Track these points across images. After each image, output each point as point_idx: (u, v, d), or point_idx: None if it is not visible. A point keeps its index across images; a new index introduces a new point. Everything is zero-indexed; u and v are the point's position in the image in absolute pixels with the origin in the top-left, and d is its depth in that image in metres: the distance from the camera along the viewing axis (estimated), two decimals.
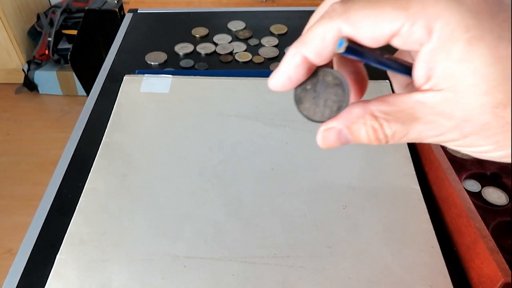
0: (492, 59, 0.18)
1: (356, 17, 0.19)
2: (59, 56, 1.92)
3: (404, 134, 0.21)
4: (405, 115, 0.20)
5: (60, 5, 1.96)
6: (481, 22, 0.18)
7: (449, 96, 0.19)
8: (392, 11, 0.19)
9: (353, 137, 0.22)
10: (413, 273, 0.41)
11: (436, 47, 0.19)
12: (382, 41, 0.20)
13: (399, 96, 0.21)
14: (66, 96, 1.98)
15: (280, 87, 0.22)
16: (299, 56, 0.21)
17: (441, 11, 0.18)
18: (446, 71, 0.19)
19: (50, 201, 0.50)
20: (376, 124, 0.21)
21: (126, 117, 0.58)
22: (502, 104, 0.19)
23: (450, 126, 0.20)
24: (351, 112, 0.22)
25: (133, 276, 0.41)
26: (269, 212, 0.47)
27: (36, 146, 1.74)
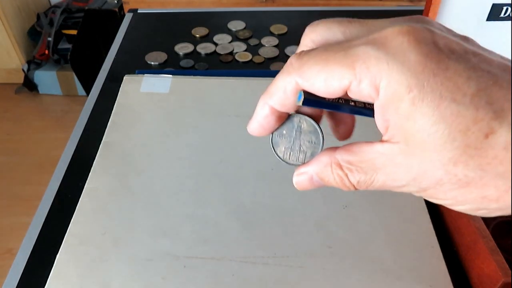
0: (436, 118, 0.18)
1: (309, 73, 0.21)
2: (59, 56, 1.92)
3: (369, 183, 0.21)
4: (368, 165, 0.21)
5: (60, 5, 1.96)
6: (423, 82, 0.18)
7: (404, 149, 0.20)
8: (340, 69, 0.20)
9: (324, 182, 0.23)
10: (413, 273, 0.41)
11: (384, 104, 0.19)
12: (336, 94, 0.21)
13: (362, 145, 0.22)
14: (66, 96, 1.98)
15: (257, 133, 0.24)
16: (266, 107, 0.23)
17: (382, 70, 0.19)
18: (397, 125, 0.19)
19: (50, 201, 0.50)
20: (341, 173, 0.22)
21: (126, 117, 0.58)
22: (452, 162, 0.19)
23: (408, 179, 0.20)
24: (320, 160, 0.23)
25: (133, 276, 0.41)
26: (269, 212, 0.47)
27: (36, 146, 1.74)
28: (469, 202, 0.20)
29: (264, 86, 0.24)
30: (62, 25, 1.89)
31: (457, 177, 0.19)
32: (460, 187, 0.19)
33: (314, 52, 0.21)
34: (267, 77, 0.64)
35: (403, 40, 0.19)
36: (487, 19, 0.55)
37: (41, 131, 1.81)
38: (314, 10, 0.88)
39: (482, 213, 0.20)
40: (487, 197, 0.19)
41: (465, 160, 0.18)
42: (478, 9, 0.55)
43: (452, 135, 0.18)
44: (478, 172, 0.18)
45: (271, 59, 0.72)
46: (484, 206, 0.20)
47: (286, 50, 0.74)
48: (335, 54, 0.20)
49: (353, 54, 0.20)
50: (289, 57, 0.72)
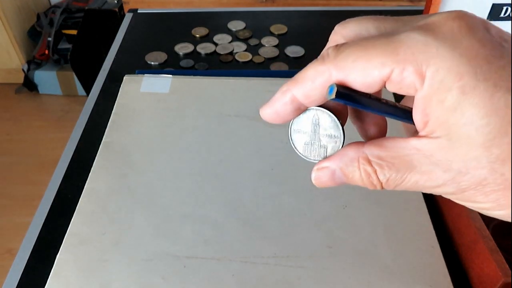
0: (487, 110, 0.17)
1: (345, 62, 0.19)
2: (59, 56, 1.92)
3: (399, 182, 0.20)
4: (401, 162, 0.19)
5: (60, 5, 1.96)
6: (476, 69, 0.17)
7: (445, 145, 0.18)
8: (381, 56, 0.18)
9: (348, 179, 0.21)
10: (413, 273, 0.41)
11: (428, 95, 0.18)
12: (374, 86, 0.19)
13: (396, 140, 0.20)
14: (66, 96, 1.98)
15: (269, 119, 0.22)
16: (288, 94, 0.21)
17: (431, 57, 0.17)
18: (440, 119, 0.18)
19: (50, 201, 0.50)
20: (370, 169, 0.20)
21: (126, 117, 0.58)
22: (500, 159, 0.17)
23: (446, 179, 0.18)
24: (345, 154, 0.21)
25: (133, 276, 0.41)
26: (269, 212, 0.47)
27: (36, 146, 1.74)
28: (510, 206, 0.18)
29: (264, 86, 0.23)
30: (62, 25, 1.88)
31: (504, 176, 0.17)
32: (505, 188, 0.18)
33: (352, 42, 0.19)
34: (267, 77, 0.64)
35: (454, 25, 0.18)
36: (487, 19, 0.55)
37: (41, 131, 1.81)
38: (314, 10, 0.88)
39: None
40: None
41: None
42: (478, 9, 0.55)
43: (504, 129, 0.16)
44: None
45: (271, 59, 0.72)
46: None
47: (286, 50, 0.74)
48: (375, 42, 0.18)
49: (396, 40, 0.18)
50: (289, 57, 0.72)
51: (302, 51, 0.74)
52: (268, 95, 0.23)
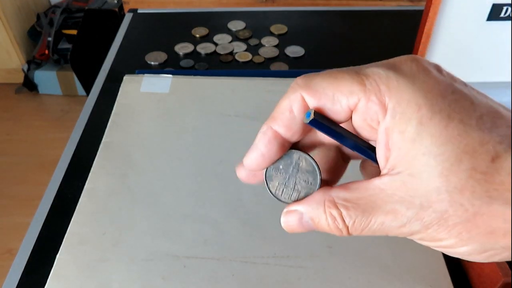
0: (443, 139, 0.18)
1: (317, 87, 0.20)
2: (59, 56, 1.92)
3: (365, 225, 0.20)
4: (366, 203, 0.20)
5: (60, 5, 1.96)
6: (432, 102, 0.18)
7: (407, 181, 0.19)
8: (350, 85, 0.19)
9: (315, 224, 0.21)
10: (413, 273, 0.41)
11: (390, 126, 0.19)
12: (342, 114, 0.20)
13: (360, 182, 0.20)
14: (66, 96, 1.98)
15: (255, 166, 0.22)
16: (270, 131, 0.21)
17: (393, 89, 0.18)
18: (401, 151, 0.19)
19: (50, 201, 0.50)
20: (335, 212, 0.20)
21: (126, 117, 0.58)
22: (458, 189, 0.17)
23: (410, 216, 0.19)
24: (312, 198, 0.21)
25: (133, 276, 0.41)
26: (269, 212, 0.47)
27: (36, 146, 1.74)
28: (475, 241, 0.18)
29: (264, 86, 0.24)
30: (62, 25, 1.88)
31: (464, 207, 0.18)
32: (466, 220, 0.18)
33: (322, 72, 0.20)
34: (267, 77, 0.64)
35: (412, 65, 0.19)
36: (487, 19, 0.55)
37: (41, 131, 1.81)
38: (314, 10, 0.88)
39: (486, 256, 0.19)
40: (494, 232, 0.18)
41: (471, 186, 0.17)
42: (478, 9, 0.55)
43: (459, 157, 0.17)
44: (485, 199, 0.17)
45: (271, 59, 0.72)
46: (490, 245, 0.18)
47: (286, 50, 0.74)
48: (345, 72, 0.20)
49: (363, 73, 0.19)
50: (289, 57, 0.72)
51: (302, 51, 0.74)
52: (268, 95, 0.23)
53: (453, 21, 0.56)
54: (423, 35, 0.56)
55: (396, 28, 0.80)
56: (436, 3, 0.53)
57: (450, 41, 0.58)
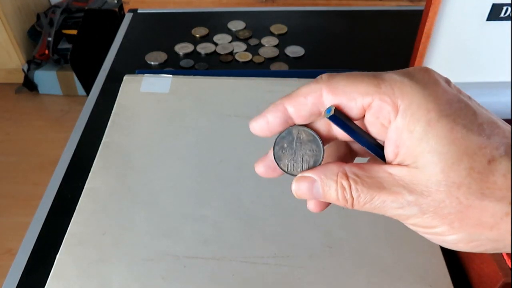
0: (448, 140, 0.20)
1: (337, 85, 0.22)
2: (59, 56, 1.92)
3: (368, 199, 0.22)
4: (373, 182, 0.22)
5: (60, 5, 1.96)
6: (440, 107, 0.21)
7: (412, 172, 0.21)
8: (366, 86, 0.22)
9: (324, 192, 0.24)
10: (413, 273, 0.41)
11: (400, 126, 0.21)
12: (356, 111, 0.22)
13: (372, 165, 0.23)
14: (66, 96, 1.98)
15: (258, 130, 0.25)
16: (281, 106, 0.24)
17: (406, 93, 0.21)
18: (409, 148, 0.21)
19: (50, 201, 0.50)
20: (346, 183, 0.23)
21: (126, 117, 0.58)
22: (456, 184, 0.20)
23: (410, 200, 0.21)
24: (327, 167, 0.24)
25: (133, 276, 0.41)
26: (269, 212, 0.47)
27: (36, 146, 1.74)
28: (464, 230, 0.21)
29: (264, 86, 0.24)
30: (62, 25, 1.88)
31: (459, 199, 0.20)
32: (459, 211, 0.20)
33: (344, 73, 0.23)
34: (267, 77, 0.64)
35: (425, 75, 0.22)
36: (487, 19, 0.55)
37: (41, 131, 1.81)
38: (314, 10, 0.88)
39: (472, 246, 0.21)
40: (482, 224, 0.20)
41: (468, 183, 0.20)
42: (478, 9, 0.55)
43: (460, 157, 0.20)
44: (478, 195, 0.20)
45: (271, 59, 0.72)
46: (477, 236, 0.21)
47: (286, 50, 0.74)
48: (364, 75, 0.22)
49: (380, 77, 0.22)
50: (289, 57, 0.72)
51: (302, 51, 0.74)
52: (268, 95, 0.24)
53: (453, 21, 0.56)
54: (423, 35, 0.56)
55: (396, 28, 0.80)
56: (436, 3, 0.53)
57: (450, 41, 0.58)
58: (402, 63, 0.64)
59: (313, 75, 0.65)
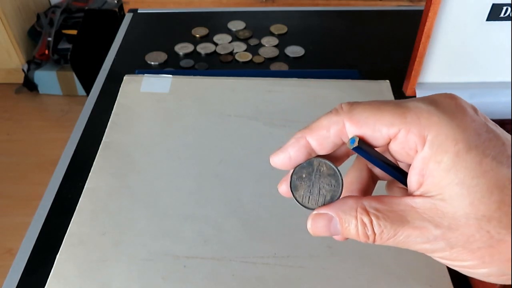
0: (477, 172, 0.19)
1: (359, 117, 0.22)
2: (59, 56, 1.92)
3: (392, 235, 0.21)
4: (396, 216, 0.21)
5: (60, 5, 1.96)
6: (468, 138, 0.20)
7: (438, 204, 0.20)
8: (391, 117, 0.21)
9: (343, 229, 0.23)
10: (413, 273, 0.41)
11: (427, 156, 0.20)
12: (380, 141, 0.22)
13: (392, 197, 0.22)
14: (66, 96, 1.98)
15: (280, 164, 0.24)
16: (303, 140, 0.23)
17: (433, 123, 0.20)
18: (435, 179, 0.20)
19: (50, 201, 0.50)
20: (366, 218, 0.22)
21: (126, 117, 0.58)
22: (486, 217, 0.19)
23: (437, 235, 0.20)
24: (344, 203, 0.23)
25: (133, 276, 0.41)
26: (269, 212, 0.47)
27: (36, 146, 1.74)
28: (495, 264, 0.20)
29: (264, 86, 0.24)
30: (62, 25, 1.88)
31: (490, 234, 0.19)
32: (490, 246, 0.20)
33: (365, 102, 0.22)
34: (267, 77, 0.64)
35: (451, 103, 0.21)
36: (487, 19, 0.55)
37: (41, 131, 1.81)
38: (314, 10, 0.88)
39: (504, 279, 0.21)
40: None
41: (499, 217, 0.19)
42: (478, 9, 0.55)
43: (490, 190, 0.19)
44: (509, 230, 0.19)
45: (271, 59, 0.72)
46: (508, 271, 0.20)
47: (286, 50, 0.74)
48: (386, 104, 0.21)
49: (404, 106, 0.21)
50: (289, 57, 0.72)
51: (302, 51, 0.74)
52: (268, 95, 0.23)
53: (453, 21, 0.56)
54: (423, 35, 0.56)
55: (396, 28, 0.80)
56: (436, 3, 0.53)
57: (450, 41, 0.58)
58: (402, 63, 0.64)
59: (313, 75, 0.65)
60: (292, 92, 0.61)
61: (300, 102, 0.59)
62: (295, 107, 0.58)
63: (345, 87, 0.62)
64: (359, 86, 0.62)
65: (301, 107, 0.58)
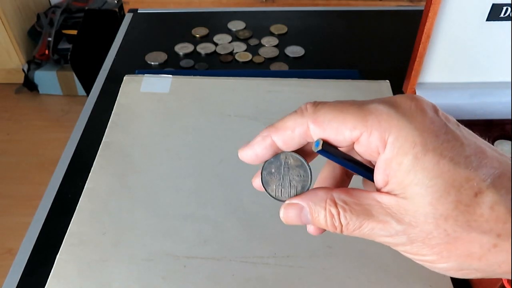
0: (434, 173, 0.20)
1: (323, 119, 0.22)
2: (59, 56, 1.92)
3: (357, 227, 0.22)
4: (362, 209, 0.22)
5: (60, 5, 1.96)
6: (426, 140, 0.21)
7: (401, 202, 0.21)
8: (353, 120, 0.22)
9: (313, 219, 0.24)
10: (413, 273, 0.41)
11: (389, 158, 0.21)
12: (343, 144, 0.22)
13: (361, 191, 0.23)
14: (66, 96, 1.98)
15: (247, 160, 0.25)
16: (269, 139, 0.24)
17: (393, 126, 0.21)
18: (398, 179, 0.21)
19: (50, 201, 0.50)
20: (334, 210, 0.23)
21: (126, 117, 0.58)
22: (443, 216, 0.20)
23: (399, 230, 0.22)
24: (315, 193, 0.24)
25: (133, 276, 0.41)
26: (269, 211, 0.47)
27: (36, 146, 1.74)
28: (453, 260, 0.21)
29: (264, 86, 0.24)
30: (62, 25, 1.88)
31: (447, 232, 0.20)
32: (447, 242, 0.21)
33: (329, 103, 0.23)
34: (267, 77, 0.64)
35: (412, 104, 0.22)
36: (487, 19, 0.55)
37: (41, 131, 1.81)
38: (314, 10, 0.88)
39: (462, 273, 0.22)
40: (471, 255, 0.21)
41: (455, 215, 0.20)
42: (478, 9, 0.55)
43: (447, 190, 0.20)
44: (465, 228, 0.20)
45: (271, 59, 0.72)
46: (466, 265, 0.21)
47: (286, 50, 0.74)
48: (349, 106, 0.22)
49: (366, 109, 0.22)
50: (289, 57, 0.72)
51: (302, 51, 0.74)
52: (268, 95, 0.24)
53: (453, 21, 0.56)
54: (423, 35, 0.56)
55: (396, 28, 0.80)
56: (436, 3, 0.53)
57: (450, 41, 0.58)
58: (402, 63, 0.64)
59: (313, 75, 0.65)
60: (292, 92, 0.61)
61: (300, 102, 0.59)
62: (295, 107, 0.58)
63: (345, 87, 0.62)
64: (359, 86, 0.62)
65: None
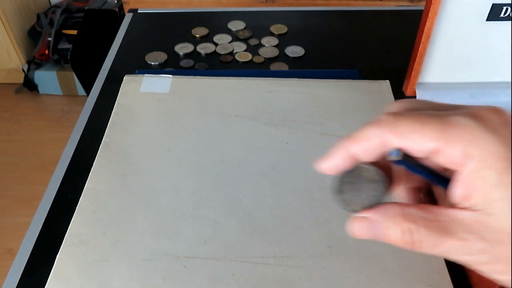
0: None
1: (403, 130, 0.22)
2: (59, 56, 1.92)
3: (434, 245, 0.22)
4: (440, 226, 0.21)
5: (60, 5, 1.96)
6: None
7: (484, 218, 0.21)
8: (435, 132, 0.21)
9: (384, 234, 0.23)
10: (413, 273, 0.41)
11: (473, 171, 0.20)
12: (422, 154, 0.22)
13: (437, 207, 0.22)
14: (66, 96, 1.98)
15: (326, 171, 0.25)
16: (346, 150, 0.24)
17: (476, 139, 0.20)
18: (482, 195, 0.20)
19: (50, 201, 0.50)
20: (408, 225, 0.22)
21: (126, 117, 0.58)
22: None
23: (480, 248, 0.21)
24: (388, 208, 0.23)
25: (133, 276, 0.41)
26: (269, 212, 0.47)
27: (36, 146, 1.74)
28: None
29: (264, 86, 0.24)
30: (62, 25, 1.88)
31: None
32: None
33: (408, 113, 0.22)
34: (267, 77, 0.64)
35: (495, 117, 0.21)
36: (487, 19, 0.56)
37: (41, 131, 1.81)
38: (314, 10, 0.88)
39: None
40: None
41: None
42: (478, 9, 0.55)
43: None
44: None
45: (271, 59, 0.72)
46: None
47: (286, 50, 0.74)
48: (430, 118, 0.21)
49: (448, 121, 0.21)
50: (289, 57, 0.72)
51: (302, 51, 0.74)
52: (268, 95, 0.23)
53: (453, 21, 0.56)
54: (423, 35, 0.56)
55: (396, 28, 0.80)
56: (436, 3, 0.53)
57: (450, 41, 0.58)
58: (402, 63, 0.64)
59: (313, 75, 0.65)
60: (292, 92, 0.61)
61: (300, 102, 0.59)
62: (295, 107, 0.58)
63: (345, 87, 0.62)
64: (359, 86, 0.62)
65: (301, 107, 0.58)
